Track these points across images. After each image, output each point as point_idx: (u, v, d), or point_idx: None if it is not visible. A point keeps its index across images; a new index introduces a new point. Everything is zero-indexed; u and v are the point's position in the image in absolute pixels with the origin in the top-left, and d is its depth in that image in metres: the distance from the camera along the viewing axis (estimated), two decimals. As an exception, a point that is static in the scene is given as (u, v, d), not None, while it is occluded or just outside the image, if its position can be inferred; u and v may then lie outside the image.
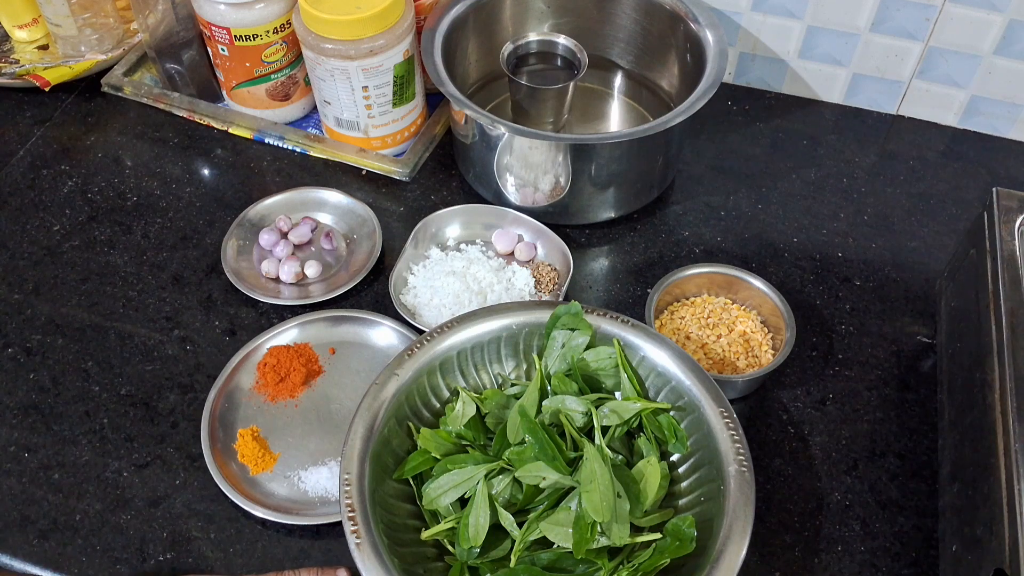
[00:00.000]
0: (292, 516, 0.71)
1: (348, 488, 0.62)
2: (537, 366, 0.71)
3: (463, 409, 0.69)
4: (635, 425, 0.70)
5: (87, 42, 1.06)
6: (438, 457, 0.67)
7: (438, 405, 0.72)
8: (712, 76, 0.87)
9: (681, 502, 0.67)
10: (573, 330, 0.71)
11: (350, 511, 0.61)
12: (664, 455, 0.69)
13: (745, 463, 0.63)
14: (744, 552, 0.59)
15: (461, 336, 0.71)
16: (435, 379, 0.71)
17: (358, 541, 0.60)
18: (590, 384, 0.71)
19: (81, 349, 0.83)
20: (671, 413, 0.69)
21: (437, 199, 0.96)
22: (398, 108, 0.94)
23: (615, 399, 0.70)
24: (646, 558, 0.62)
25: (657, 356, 0.69)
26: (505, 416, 0.69)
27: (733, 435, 0.64)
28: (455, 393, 0.72)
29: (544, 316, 0.72)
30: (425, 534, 0.65)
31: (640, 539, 0.63)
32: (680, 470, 0.68)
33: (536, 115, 0.98)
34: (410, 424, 0.69)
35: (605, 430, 0.68)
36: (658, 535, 0.63)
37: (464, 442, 0.69)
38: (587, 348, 0.71)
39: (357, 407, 0.66)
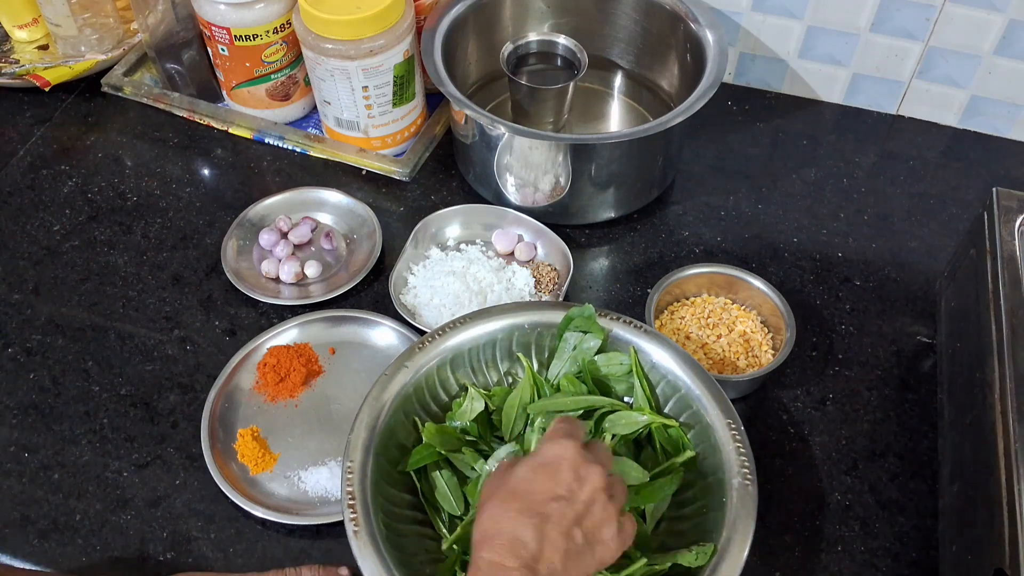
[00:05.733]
0: (292, 516, 0.71)
1: (350, 476, 0.62)
2: (526, 364, 0.71)
3: (471, 405, 0.70)
4: (644, 435, 0.70)
5: (87, 42, 1.06)
6: (443, 452, 0.67)
7: (446, 399, 0.72)
8: (712, 76, 0.87)
9: (683, 511, 0.67)
10: (585, 332, 0.71)
11: (350, 499, 0.61)
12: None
13: (749, 476, 0.63)
14: (741, 566, 0.59)
15: (473, 332, 0.71)
16: (445, 373, 0.71)
17: (356, 529, 0.60)
18: (600, 388, 0.71)
19: (81, 349, 0.83)
20: (680, 424, 0.68)
21: (437, 199, 0.96)
22: (398, 108, 0.94)
23: (624, 406, 0.70)
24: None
25: (668, 364, 0.69)
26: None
27: (739, 447, 0.64)
28: (463, 388, 0.72)
29: (556, 317, 0.72)
30: (446, 544, 0.65)
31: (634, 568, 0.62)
32: (684, 479, 0.68)
33: (536, 115, 0.98)
34: (416, 418, 0.69)
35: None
36: (644, 561, 0.62)
37: (469, 437, 0.69)
38: (599, 351, 0.71)
39: (365, 396, 0.67)
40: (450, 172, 0.98)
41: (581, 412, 0.69)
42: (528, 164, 0.87)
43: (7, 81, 1.04)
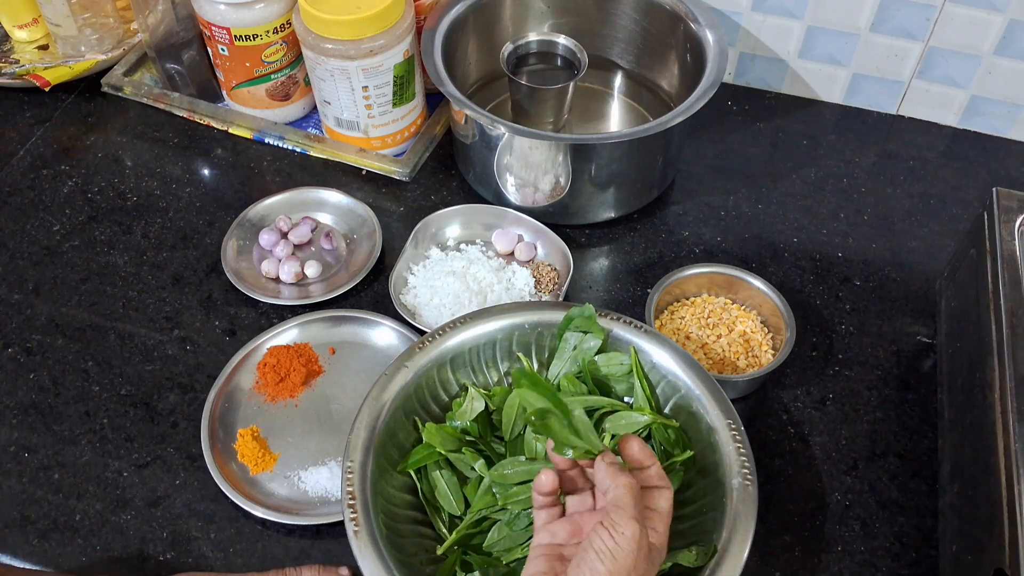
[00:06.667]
0: (292, 516, 0.71)
1: (351, 476, 0.62)
2: (526, 365, 0.71)
3: (471, 405, 0.70)
4: (643, 435, 0.69)
5: (87, 42, 1.06)
6: (443, 452, 0.67)
7: (446, 399, 0.72)
8: (712, 76, 0.87)
9: (683, 511, 0.67)
10: (585, 332, 0.71)
11: (351, 499, 0.61)
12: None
13: (749, 476, 0.63)
14: (741, 566, 0.59)
15: (473, 332, 0.71)
16: (445, 373, 0.71)
17: (356, 529, 0.60)
18: (600, 388, 0.71)
19: (81, 349, 0.83)
20: (680, 424, 0.68)
21: (437, 199, 0.96)
22: (398, 108, 0.94)
23: (624, 406, 0.70)
24: None
25: (668, 364, 0.69)
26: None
27: (739, 447, 0.64)
28: (464, 388, 0.72)
29: (557, 317, 0.72)
30: (441, 549, 0.65)
31: None
32: (684, 479, 0.68)
33: (536, 115, 0.98)
34: (416, 418, 0.69)
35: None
36: None
37: (469, 437, 0.69)
38: (599, 351, 0.71)
39: (365, 396, 0.67)
40: (450, 172, 0.98)
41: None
42: (528, 164, 0.87)
43: (7, 81, 1.04)
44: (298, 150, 1.00)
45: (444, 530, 0.67)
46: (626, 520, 0.52)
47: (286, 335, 0.83)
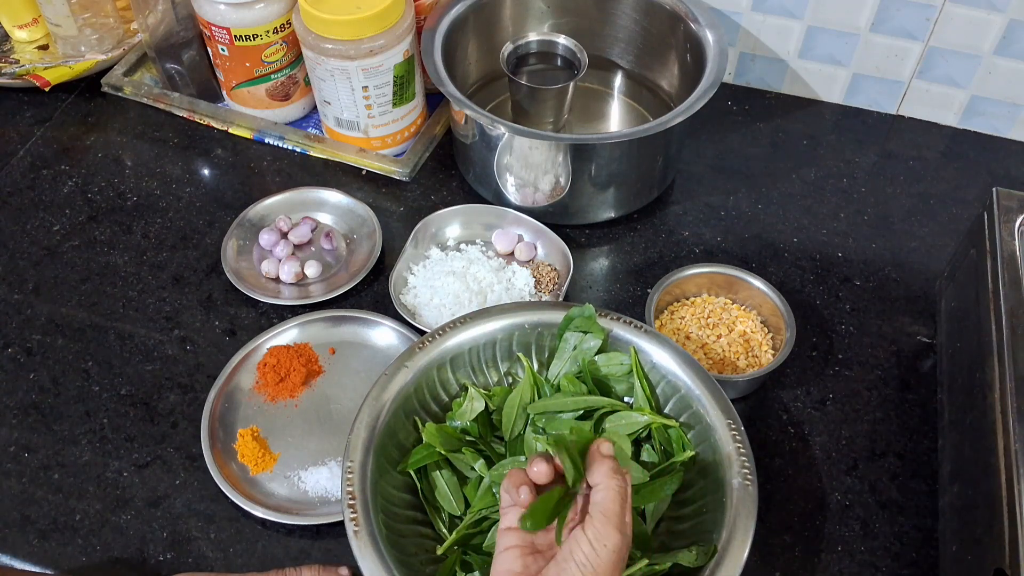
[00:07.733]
0: (292, 516, 0.71)
1: (351, 476, 0.62)
2: (526, 364, 0.71)
3: (471, 405, 0.70)
4: (643, 435, 0.70)
5: (87, 42, 1.06)
6: (443, 452, 0.67)
7: (446, 399, 0.72)
8: (712, 76, 0.87)
9: (683, 511, 0.67)
10: (585, 332, 0.71)
11: (351, 499, 0.61)
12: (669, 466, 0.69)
13: (749, 476, 0.63)
14: (741, 566, 0.59)
15: (473, 332, 0.71)
16: (445, 373, 0.71)
17: (356, 529, 0.60)
18: (600, 388, 0.71)
19: (81, 349, 0.83)
20: (680, 424, 0.68)
21: (437, 199, 0.96)
22: (398, 108, 0.94)
23: (624, 406, 0.70)
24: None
25: (668, 364, 0.69)
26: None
27: (739, 447, 0.64)
28: (463, 388, 0.72)
29: (557, 317, 0.72)
30: (441, 548, 0.65)
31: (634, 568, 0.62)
32: (684, 479, 0.68)
33: (536, 115, 0.98)
34: (416, 418, 0.69)
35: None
36: (645, 561, 0.62)
37: (469, 437, 0.69)
38: (599, 351, 0.71)
39: (365, 396, 0.67)
40: (450, 172, 0.98)
41: (581, 412, 0.69)
42: (528, 164, 0.87)
43: (7, 81, 1.04)
44: (298, 150, 1.00)
45: (444, 530, 0.67)
46: (611, 531, 0.52)
47: (286, 335, 0.83)
